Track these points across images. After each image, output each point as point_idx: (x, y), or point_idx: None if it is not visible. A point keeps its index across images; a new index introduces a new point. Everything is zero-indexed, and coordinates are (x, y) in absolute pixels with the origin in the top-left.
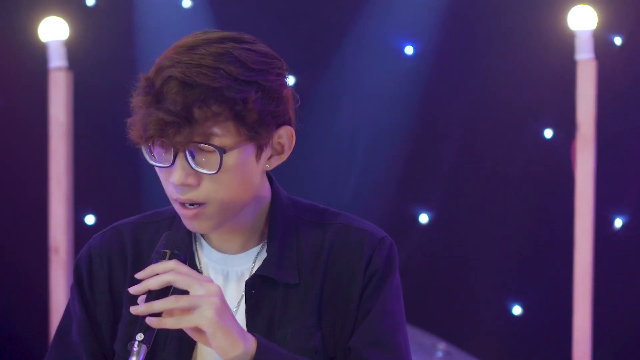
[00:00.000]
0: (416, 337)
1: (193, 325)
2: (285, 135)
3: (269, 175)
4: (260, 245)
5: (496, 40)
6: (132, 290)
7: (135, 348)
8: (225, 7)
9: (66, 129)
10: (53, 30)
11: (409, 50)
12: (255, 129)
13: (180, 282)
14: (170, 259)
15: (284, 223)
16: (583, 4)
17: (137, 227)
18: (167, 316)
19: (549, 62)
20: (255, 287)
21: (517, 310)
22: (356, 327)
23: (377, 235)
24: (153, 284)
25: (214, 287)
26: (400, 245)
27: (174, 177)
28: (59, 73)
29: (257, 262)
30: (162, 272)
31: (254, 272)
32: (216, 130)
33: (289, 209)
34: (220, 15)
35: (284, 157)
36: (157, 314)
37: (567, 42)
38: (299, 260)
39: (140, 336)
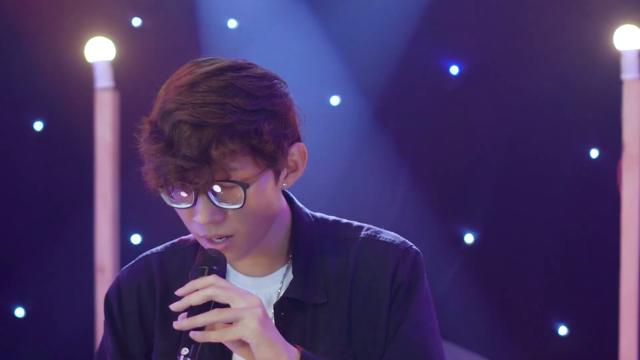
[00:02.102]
0: (461, 357)
1: (237, 337)
2: (298, 152)
3: (288, 195)
4: (286, 266)
5: (541, 60)
6: (174, 307)
7: None
8: (270, 28)
9: (112, 149)
10: (99, 51)
11: (454, 70)
12: (273, 157)
13: (221, 296)
14: (208, 274)
15: (307, 242)
16: (629, 23)
17: (164, 257)
18: (211, 330)
19: (594, 82)
20: (284, 310)
21: (563, 330)
22: (387, 341)
23: (400, 247)
24: (194, 299)
25: (255, 299)
26: (446, 264)
27: (200, 217)
28: (106, 93)
29: (284, 283)
30: (202, 287)
31: (281, 294)
32: (235, 165)
33: (311, 227)
34: (265, 36)
35: (299, 173)
36: (200, 328)
37: (613, 61)
38: (325, 278)
39: (185, 350)
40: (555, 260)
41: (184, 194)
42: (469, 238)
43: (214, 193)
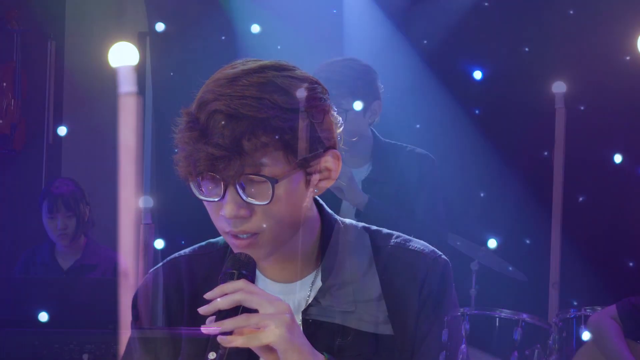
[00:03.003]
0: None
1: (265, 343)
2: (332, 160)
3: (318, 201)
4: (315, 272)
5: (565, 65)
6: (202, 310)
7: None
8: (291, 33)
9: (136, 155)
10: (123, 56)
11: (477, 75)
12: (305, 157)
13: (249, 301)
14: (238, 278)
15: (336, 249)
16: None
17: (192, 260)
18: (238, 335)
19: (618, 88)
20: (312, 317)
21: (586, 336)
22: (414, 351)
23: (430, 256)
24: (223, 303)
25: (283, 305)
26: (469, 270)
27: (226, 210)
28: (129, 98)
29: (312, 290)
30: (231, 291)
31: (310, 300)
32: (266, 160)
33: (340, 234)
34: (286, 41)
35: (332, 180)
36: (228, 333)
37: (637, 66)
38: (354, 286)
39: (212, 355)
40: (577, 266)
41: (213, 187)
42: (492, 243)
43: (242, 187)
